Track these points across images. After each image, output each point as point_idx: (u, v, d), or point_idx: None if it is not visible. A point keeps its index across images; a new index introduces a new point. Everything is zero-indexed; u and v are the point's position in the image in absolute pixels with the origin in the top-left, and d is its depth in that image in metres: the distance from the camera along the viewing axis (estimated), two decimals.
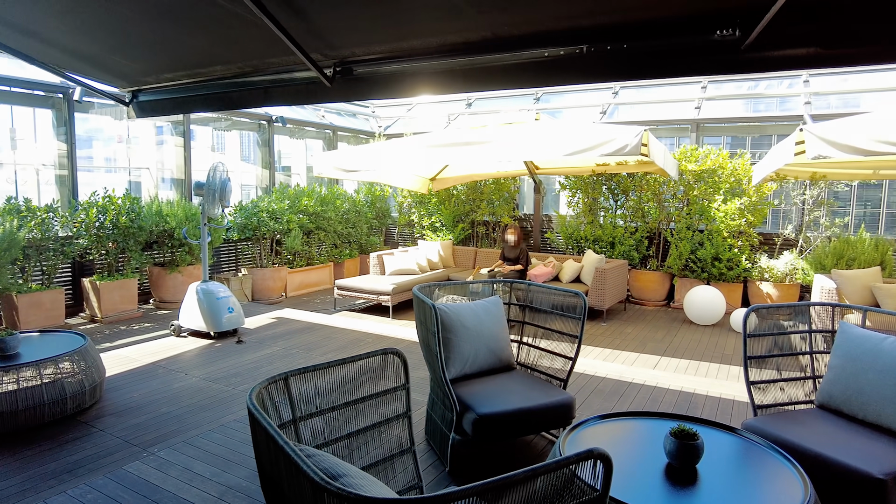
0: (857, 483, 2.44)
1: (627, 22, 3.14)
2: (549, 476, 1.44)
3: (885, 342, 2.86)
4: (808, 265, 7.55)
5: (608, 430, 2.72)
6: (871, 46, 2.92)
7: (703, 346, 6.19)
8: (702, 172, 8.15)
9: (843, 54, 3.05)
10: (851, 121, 5.03)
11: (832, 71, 9.84)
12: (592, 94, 11.60)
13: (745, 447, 2.56)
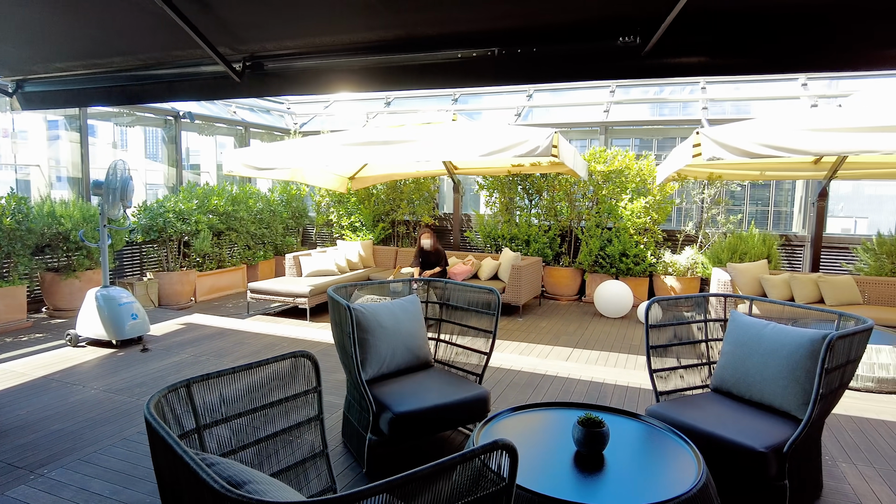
0: (743, 457, 2.65)
1: (537, 26, 3.24)
2: (456, 469, 1.46)
3: (767, 328, 3.12)
4: (707, 259, 8.12)
5: (520, 421, 2.80)
6: (754, 59, 3.19)
7: (612, 338, 6.50)
8: (610, 173, 8.55)
9: (730, 64, 3.29)
10: (740, 126, 5.45)
11: (726, 79, 10.62)
12: (508, 97, 11.87)
13: (648, 432, 2.72)
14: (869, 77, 9.45)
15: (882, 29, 2.79)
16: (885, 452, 3.61)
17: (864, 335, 2.80)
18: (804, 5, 2.76)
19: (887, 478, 3.28)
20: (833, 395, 2.81)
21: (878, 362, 4.90)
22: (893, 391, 4.90)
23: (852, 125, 4.89)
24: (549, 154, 5.82)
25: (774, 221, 9.45)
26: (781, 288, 6.66)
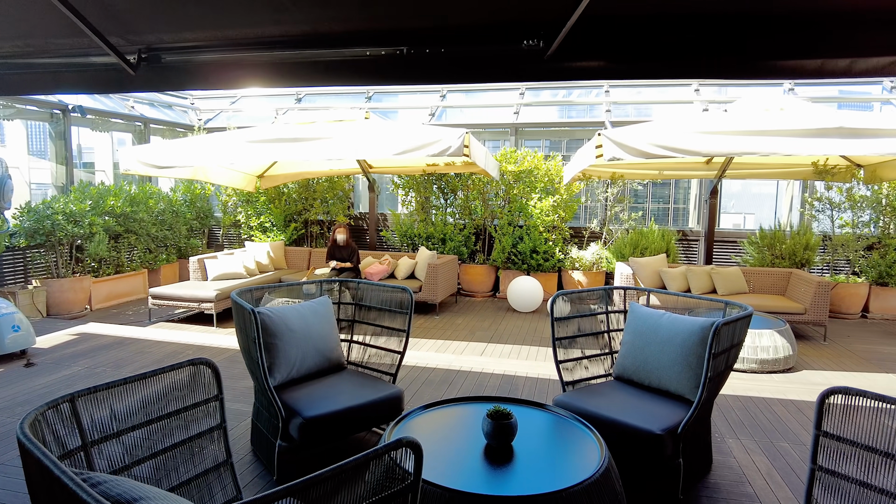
0: (643, 440, 2.82)
1: (445, 27, 3.27)
2: (361, 469, 1.45)
3: (663, 318, 3.34)
4: (610, 254, 8.54)
5: (432, 418, 2.82)
6: (650, 63, 3.38)
7: (524, 332, 6.69)
8: (520, 173, 8.80)
9: (628, 68, 3.48)
10: (638, 128, 5.77)
11: (628, 83, 11.23)
12: (422, 96, 11.92)
13: (555, 421, 2.82)
14: (752, 85, 10.31)
15: (771, 42, 3.06)
16: (764, 427, 3.96)
17: (745, 321, 3.06)
18: (698, 16, 2.97)
19: (766, 449, 3.60)
20: (720, 378, 3.04)
21: (761, 345, 5.36)
22: (773, 371, 5.38)
23: (736, 129, 5.31)
24: (462, 154, 5.90)
25: (673, 218, 10.12)
26: (679, 280, 7.13)
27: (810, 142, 5.09)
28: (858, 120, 5.34)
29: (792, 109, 5.94)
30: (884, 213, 8.19)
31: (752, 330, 5.42)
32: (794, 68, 3.14)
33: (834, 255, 8.34)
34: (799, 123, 5.20)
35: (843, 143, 5.11)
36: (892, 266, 7.86)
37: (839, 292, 7.84)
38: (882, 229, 8.25)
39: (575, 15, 2.81)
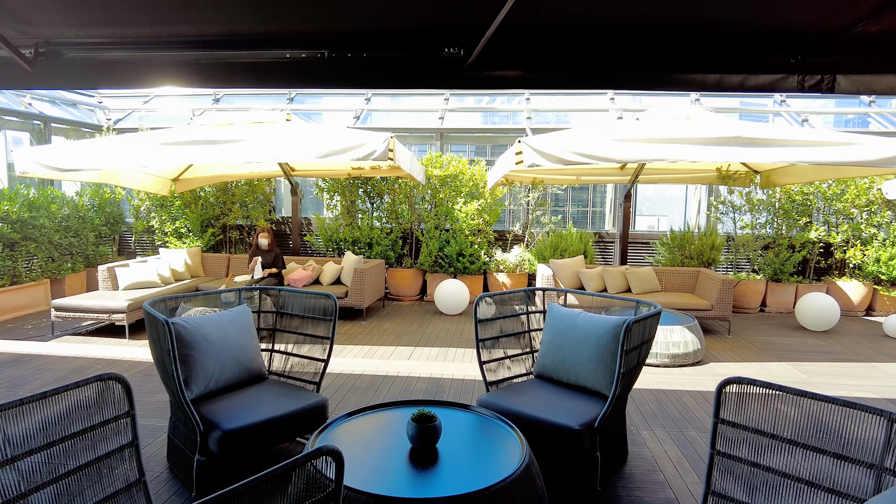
0: (562, 435, 2.93)
1: (367, 32, 3.27)
2: (280, 481, 1.43)
3: (579, 317, 3.48)
4: (532, 256, 8.80)
5: (357, 425, 2.81)
6: (565, 73, 3.52)
7: (451, 334, 6.77)
8: (446, 177, 8.90)
9: (543, 78, 3.60)
10: (556, 135, 5.99)
11: (548, 91, 11.61)
12: (347, 99, 11.80)
13: (478, 421, 2.88)
14: (662, 95, 10.94)
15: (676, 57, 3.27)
16: (675, 417, 4.22)
17: (654, 319, 3.24)
18: (610, 30, 3.13)
19: (676, 438, 3.84)
20: (633, 373, 3.22)
21: (672, 340, 5.70)
22: (684, 364, 5.73)
23: (647, 137, 5.62)
24: (386, 158, 5.90)
25: (592, 221, 10.56)
26: (596, 280, 7.45)
27: (712, 149, 5.46)
28: (754, 130, 5.78)
29: (697, 119, 6.36)
30: (777, 216, 8.93)
31: (664, 326, 5.76)
32: (696, 82, 3.37)
33: (736, 254, 8.99)
34: (703, 132, 5.57)
35: (741, 150, 5.53)
36: (785, 264, 8.56)
37: (741, 289, 8.46)
38: (776, 230, 8.99)
39: (493, 25, 2.90)
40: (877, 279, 8.59)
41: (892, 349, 6.63)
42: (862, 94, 3.48)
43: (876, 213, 8.68)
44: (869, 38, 3.05)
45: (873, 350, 6.57)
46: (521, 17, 3.03)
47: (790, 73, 3.25)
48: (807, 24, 3.02)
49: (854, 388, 5.18)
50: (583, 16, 3.00)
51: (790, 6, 2.84)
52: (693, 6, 2.87)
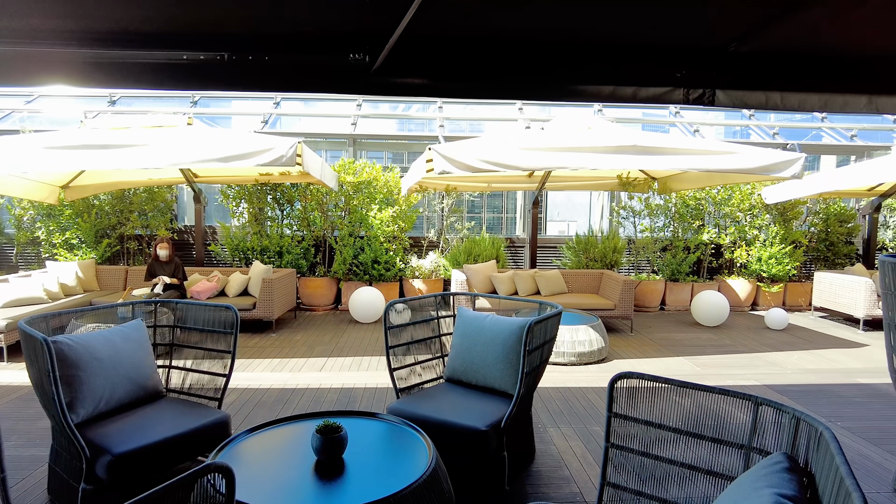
0: (469, 437, 2.97)
1: (270, 34, 3.18)
2: (166, 501, 1.35)
3: (487, 320, 3.55)
4: (447, 262, 8.89)
5: (260, 440, 2.70)
6: (469, 82, 3.59)
7: (366, 343, 6.69)
8: (359, 184, 8.82)
9: (448, 87, 3.65)
10: (466, 143, 6.10)
11: (460, 100, 11.81)
12: (255, 103, 11.44)
13: (386, 429, 2.86)
14: (568, 106, 11.42)
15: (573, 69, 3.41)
16: (580, 414, 4.39)
17: (555, 319, 3.37)
18: (513, 41, 3.23)
19: (581, 434, 3.99)
20: (536, 372, 3.32)
21: (578, 339, 5.94)
22: (589, 362, 5.98)
23: (552, 145, 5.84)
24: (294, 164, 5.76)
25: (506, 226, 10.83)
26: (507, 283, 7.64)
27: (611, 157, 5.77)
28: (650, 140, 6.17)
29: (597, 129, 6.69)
30: (673, 219, 9.55)
31: (571, 326, 5.99)
32: (592, 92, 3.54)
33: (637, 256, 9.52)
34: (603, 141, 5.86)
35: (637, 158, 5.88)
36: (682, 265, 9.18)
37: (642, 289, 8.97)
38: (673, 233, 9.61)
39: (397, 32, 2.91)
40: (759, 276, 9.39)
41: (773, 340, 7.26)
42: (737, 108, 3.79)
43: (757, 217, 9.50)
44: (742, 57, 3.33)
45: (757, 341, 7.16)
46: (427, 26, 3.06)
47: (676, 87, 3.48)
48: (689, 42, 3.25)
49: (740, 376, 5.62)
50: (486, 27, 3.08)
51: (674, 25, 3.05)
52: (589, 22, 3.02)
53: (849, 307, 8.12)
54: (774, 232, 9.34)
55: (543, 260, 10.03)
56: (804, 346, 6.97)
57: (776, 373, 5.81)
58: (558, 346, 5.89)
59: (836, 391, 5.24)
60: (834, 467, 1.51)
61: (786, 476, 1.68)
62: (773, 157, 5.96)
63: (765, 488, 1.62)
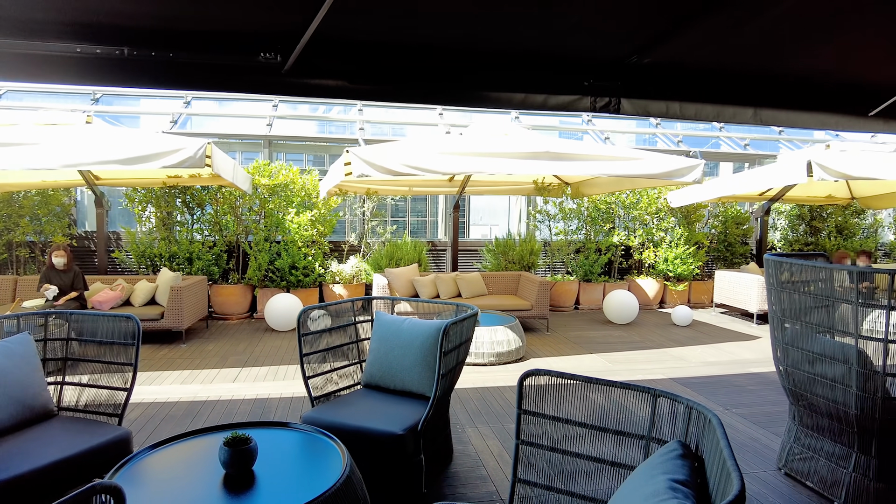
0: (386, 442, 2.95)
1: (175, 30, 3.03)
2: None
3: (404, 324, 3.55)
4: (369, 266, 8.81)
5: (164, 456, 2.56)
6: (383, 86, 3.58)
7: (283, 351, 6.50)
8: (275, 187, 8.57)
9: (363, 90, 3.62)
10: (385, 146, 6.07)
11: (381, 104, 11.76)
12: (164, 102, 10.87)
13: (300, 439, 2.79)
14: (486, 112, 11.65)
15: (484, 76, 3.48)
16: (497, 413, 4.48)
17: (471, 320, 3.41)
18: (425, 47, 3.24)
19: (498, 433, 4.07)
20: (453, 373, 3.35)
21: (496, 339, 6.05)
22: (508, 362, 6.11)
23: (469, 150, 5.92)
24: (203, 165, 5.52)
25: (430, 230, 10.88)
26: (429, 287, 7.67)
27: (527, 163, 5.93)
28: (562, 146, 6.40)
29: (514, 135, 6.86)
30: (586, 223, 9.96)
31: (489, 327, 6.10)
32: (505, 99, 3.62)
33: (553, 258, 9.85)
34: (519, 147, 6.02)
35: (552, 164, 6.07)
36: (594, 265, 9.58)
37: (557, 289, 9.28)
38: (586, 235, 10.02)
39: (308, 33, 2.86)
40: (666, 276, 9.97)
41: (678, 336, 7.73)
42: (641, 116, 4.01)
43: (663, 220, 10.09)
44: (643, 68, 3.52)
45: (664, 337, 7.59)
46: (339, 29, 3.03)
47: (584, 95, 3.62)
48: (595, 53, 3.40)
49: (648, 371, 5.94)
50: (401, 32, 3.09)
51: (581, 36, 3.18)
52: (493, 32, 3.10)
53: (744, 303, 8.78)
54: (679, 234, 9.95)
55: (466, 263, 10.16)
56: (706, 341, 7.46)
57: (681, 366, 6.18)
58: (477, 346, 5.98)
59: (732, 381, 5.64)
60: (719, 451, 1.62)
61: (679, 462, 1.78)
62: (675, 163, 6.35)
63: (660, 475, 1.72)
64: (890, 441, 3.08)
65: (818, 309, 3.32)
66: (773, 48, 3.28)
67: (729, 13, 2.79)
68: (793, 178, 6.74)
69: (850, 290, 3.10)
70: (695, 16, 2.84)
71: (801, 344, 3.40)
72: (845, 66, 3.53)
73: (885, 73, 3.51)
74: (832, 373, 3.21)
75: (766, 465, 3.73)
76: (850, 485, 3.18)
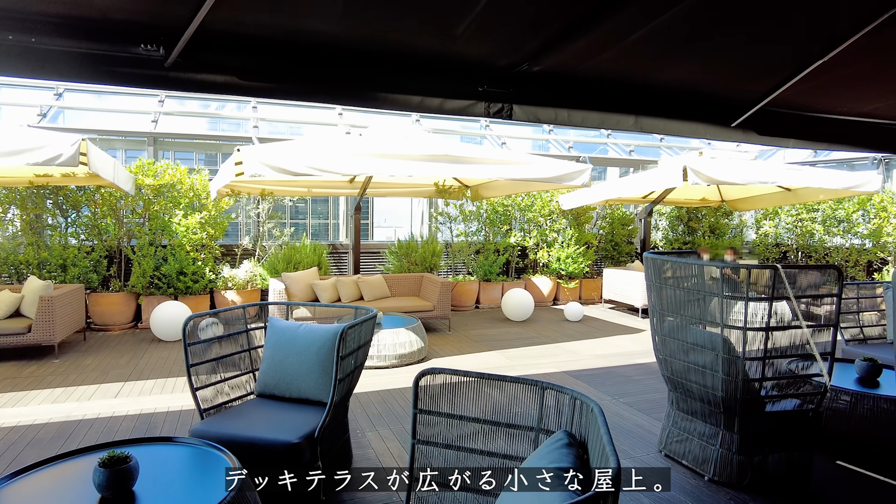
0: (282, 451, 2.86)
1: (36, 13, 2.75)
2: None
3: (300, 329, 3.46)
4: (265, 271, 8.49)
5: (27, 485, 2.32)
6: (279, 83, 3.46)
7: (171, 363, 6.10)
8: (161, 187, 8.04)
9: (252, 87, 3.48)
10: (280, 146, 5.89)
11: (277, 102, 11.35)
12: (29, 93, 9.86)
13: (187, 454, 2.63)
14: (387, 114, 11.62)
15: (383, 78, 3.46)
16: (399, 415, 4.48)
17: (369, 323, 3.39)
18: (321, 47, 3.18)
19: (399, 435, 4.07)
20: (351, 377, 3.31)
21: (398, 342, 6.05)
22: (410, 363, 6.13)
23: (369, 152, 5.88)
24: (77, 163, 5.07)
25: (332, 232, 10.66)
26: (330, 291, 7.52)
27: (427, 165, 5.98)
28: (463, 150, 6.53)
29: (414, 137, 6.90)
30: (485, 224, 10.22)
31: (392, 329, 6.09)
32: (401, 101, 3.63)
33: (454, 259, 10.02)
34: (419, 149, 6.06)
35: (451, 167, 6.17)
36: (493, 266, 9.85)
37: (458, 289, 9.44)
38: (485, 237, 10.29)
39: (193, 26, 2.72)
40: (559, 274, 10.45)
41: (571, 330, 8.13)
42: (532, 122, 4.16)
43: (556, 221, 10.57)
44: (533, 76, 3.67)
45: (558, 332, 7.95)
46: (229, 22, 2.91)
47: (479, 100, 3.71)
48: (488, 60, 3.50)
49: (543, 365, 6.20)
50: (295, 29, 3.01)
51: (476, 43, 3.26)
52: (399, 34, 3.12)
53: (630, 298, 9.41)
54: (570, 235, 10.47)
55: (369, 265, 10.07)
56: (596, 335, 7.91)
57: (574, 359, 6.51)
58: (380, 349, 5.95)
59: (620, 372, 6.02)
60: (599, 437, 1.72)
61: (565, 451, 1.88)
62: (565, 167, 6.67)
63: (548, 464, 1.80)
64: (748, 419, 3.43)
65: (691, 302, 3.63)
66: (646, 62, 3.56)
67: (606, 27, 2.99)
68: (671, 182, 7.32)
69: (716, 284, 3.42)
70: (579, 28, 3.02)
71: (677, 335, 3.70)
72: (710, 82, 3.89)
73: (745, 89, 3.90)
74: (703, 360, 3.52)
75: (649, 448, 4.02)
76: (717, 460, 3.51)
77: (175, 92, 10.51)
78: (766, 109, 4.09)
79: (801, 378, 3.47)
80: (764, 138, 4.43)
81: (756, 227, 11.81)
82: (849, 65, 3.50)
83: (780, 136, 4.52)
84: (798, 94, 3.99)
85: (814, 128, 4.58)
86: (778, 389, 3.47)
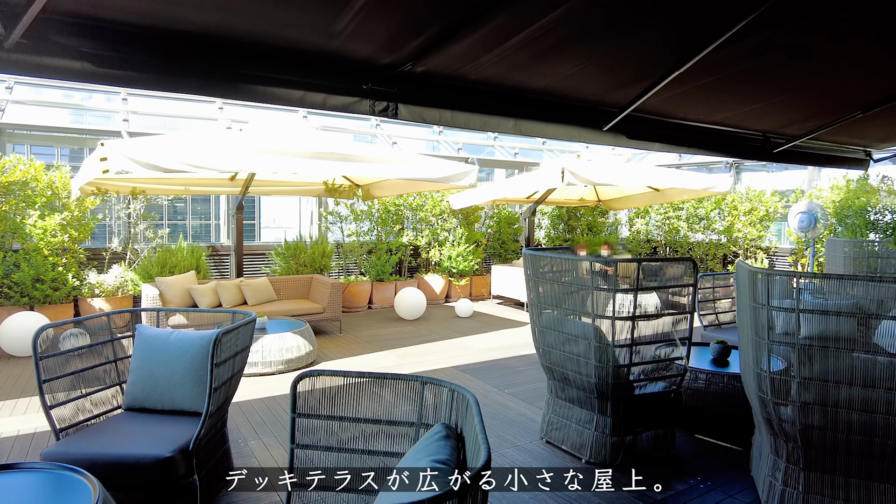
0: (153, 467, 2.67)
1: None
2: None
3: (172, 336, 3.24)
4: (137, 276, 7.87)
5: None
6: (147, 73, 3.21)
7: (23, 381, 5.45)
8: (10, 184, 7.18)
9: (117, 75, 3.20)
10: (151, 140, 5.48)
11: (150, 93, 10.53)
12: None
13: (35, 480, 2.37)
14: (272, 109, 11.18)
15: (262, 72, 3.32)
16: (284, 421, 4.34)
17: (247, 327, 3.25)
18: (199, 36, 2.99)
19: (283, 442, 3.95)
20: (229, 385, 3.15)
21: (285, 346, 5.86)
22: (298, 368, 5.95)
23: (252, 148, 5.63)
24: None
25: (214, 233, 10.07)
26: (210, 296, 7.12)
27: (313, 162, 5.83)
28: (352, 148, 6.44)
29: (300, 133, 6.71)
30: (377, 224, 10.17)
31: (277, 334, 5.89)
32: (283, 96, 3.51)
33: (346, 259, 9.87)
34: (305, 146, 5.89)
35: (338, 165, 6.07)
36: (385, 265, 9.83)
37: (350, 290, 9.32)
38: (377, 236, 10.23)
39: (37, 4, 2.46)
40: (450, 272, 10.64)
41: (461, 327, 8.31)
42: (418, 122, 4.19)
43: (446, 220, 10.76)
44: (417, 76, 3.70)
45: (449, 329, 8.10)
46: (87, 4, 2.67)
47: (363, 98, 3.66)
48: (372, 59, 3.48)
49: (434, 362, 6.28)
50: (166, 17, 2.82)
51: (359, 40, 3.22)
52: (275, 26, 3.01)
53: (517, 293, 9.78)
54: (460, 234, 10.70)
55: (255, 268, 9.64)
56: (485, 330, 8.14)
57: (463, 354, 6.66)
58: (265, 355, 5.73)
59: (507, 364, 6.25)
60: (473, 427, 1.78)
61: (442, 443, 1.91)
62: (454, 168, 6.80)
63: (424, 458, 1.82)
64: (619, 402, 3.69)
65: (567, 295, 3.84)
66: (522, 68, 3.70)
67: (482, 33, 3.08)
68: (551, 183, 7.70)
69: (590, 277, 3.65)
70: (456, 32, 3.08)
71: (554, 326, 3.90)
72: (583, 89, 4.14)
73: (614, 96, 4.19)
74: (578, 350, 3.74)
75: (532, 436, 4.20)
76: (592, 443, 3.74)
77: (27, 78, 9.44)
78: (632, 115, 4.41)
79: (665, 362, 3.79)
80: (632, 142, 4.79)
81: (629, 224, 12.74)
82: (704, 76, 3.87)
83: (646, 140, 4.91)
84: (661, 102, 4.35)
85: (675, 133, 5.02)
86: (645, 374, 3.77)
